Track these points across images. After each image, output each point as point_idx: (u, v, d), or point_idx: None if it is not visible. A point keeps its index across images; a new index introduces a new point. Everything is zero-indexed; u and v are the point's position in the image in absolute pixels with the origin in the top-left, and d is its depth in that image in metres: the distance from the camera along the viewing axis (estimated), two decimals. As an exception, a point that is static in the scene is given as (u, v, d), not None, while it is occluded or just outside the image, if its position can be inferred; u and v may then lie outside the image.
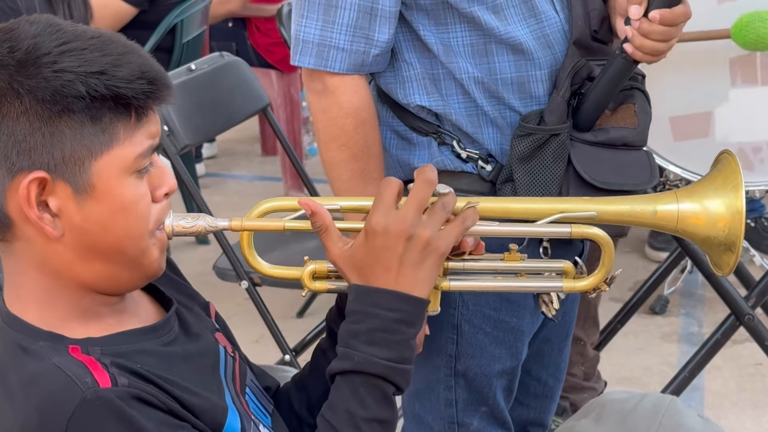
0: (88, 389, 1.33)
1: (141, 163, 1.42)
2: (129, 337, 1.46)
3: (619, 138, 2.10)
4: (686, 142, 3.08)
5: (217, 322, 1.67)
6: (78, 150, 1.37)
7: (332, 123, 2.06)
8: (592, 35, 2.12)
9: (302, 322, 4.19)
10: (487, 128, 2.10)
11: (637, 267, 4.56)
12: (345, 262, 1.52)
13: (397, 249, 1.48)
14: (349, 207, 1.60)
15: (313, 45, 2.03)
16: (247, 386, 1.61)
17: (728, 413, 3.60)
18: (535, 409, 2.39)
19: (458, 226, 1.51)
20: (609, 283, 1.61)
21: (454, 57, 2.06)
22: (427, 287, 1.50)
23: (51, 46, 1.37)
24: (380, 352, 1.46)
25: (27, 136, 1.36)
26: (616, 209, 1.60)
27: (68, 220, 1.40)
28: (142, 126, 1.41)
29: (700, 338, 3.98)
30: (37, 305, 1.44)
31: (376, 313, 1.48)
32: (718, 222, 1.57)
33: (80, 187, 1.39)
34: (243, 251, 1.60)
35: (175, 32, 4.53)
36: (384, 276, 1.49)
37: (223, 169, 6.19)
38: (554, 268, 1.61)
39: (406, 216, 1.49)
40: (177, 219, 1.51)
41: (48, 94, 1.35)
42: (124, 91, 1.38)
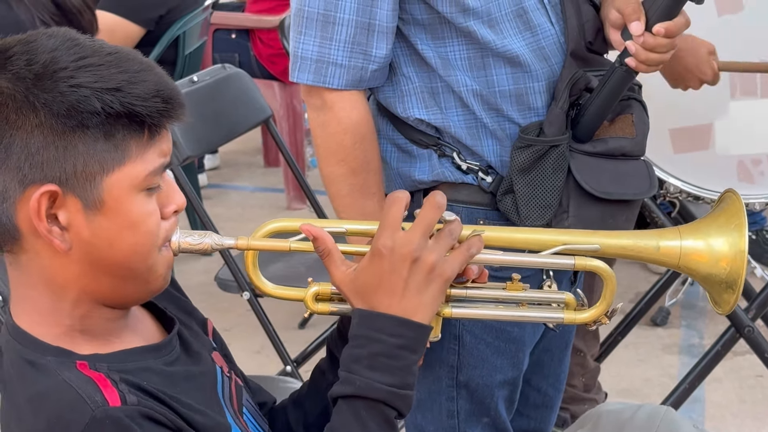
0: (97, 408, 1.33)
1: (152, 182, 1.42)
2: (134, 355, 1.46)
3: (618, 148, 2.12)
4: (686, 155, 3.09)
5: (215, 340, 1.67)
6: (90, 165, 1.38)
7: (331, 138, 2.07)
8: (587, 46, 2.14)
9: (304, 333, 4.19)
10: (486, 140, 2.11)
11: (638, 278, 4.57)
12: (348, 286, 1.51)
13: (402, 272, 1.47)
14: (355, 230, 1.59)
15: (311, 61, 2.04)
16: (243, 406, 1.61)
17: (729, 425, 3.60)
18: (535, 419, 2.40)
19: (463, 253, 1.51)
20: (610, 316, 1.61)
21: (452, 70, 2.07)
22: (430, 312, 1.49)
23: (68, 61, 1.37)
24: (382, 377, 1.45)
25: (41, 149, 1.37)
26: (619, 243, 1.59)
27: (77, 234, 1.40)
28: (155, 144, 1.42)
29: (700, 350, 3.98)
30: (44, 319, 1.44)
31: (378, 338, 1.46)
32: (721, 261, 1.57)
33: (90, 202, 1.39)
34: (247, 270, 1.59)
35: (178, 45, 4.54)
36: (387, 300, 1.47)
37: (225, 180, 6.20)
38: (556, 299, 1.61)
39: (413, 239, 1.47)
40: (184, 236, 1.51)
41: (63, 109, 1.36)
42: (139, 109, 1.38)
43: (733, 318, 3.22)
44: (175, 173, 3.11)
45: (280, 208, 5.65)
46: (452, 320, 2.12)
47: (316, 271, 3.10)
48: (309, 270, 3.38)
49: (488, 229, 1.57)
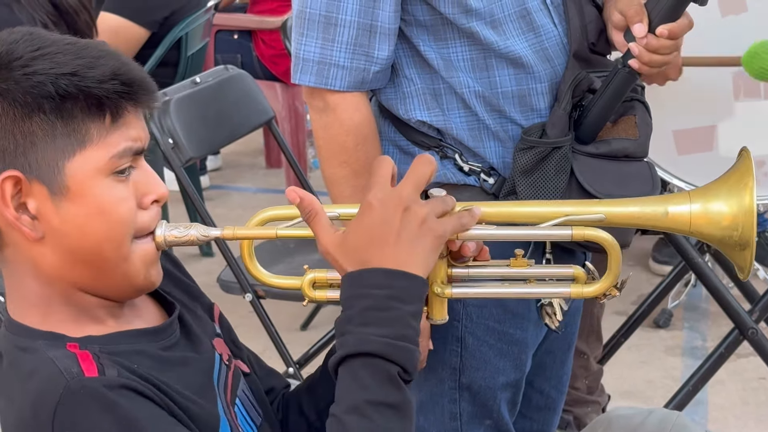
0: (72, 378, 1.33)
1: (116, 164, 1.41)
2: (128, 338, 1.45)
3: (621, 149, 2.11)
4: (690, 156, 3.08)
5: (221, 325, 1.66)
6: (50, 151, 1.39)
7: (333, 140, 2.07)
8: (590, 47, 2.13)
9: (306, 334, 4.19)
10: (489, 142, 2.10)
11: (640, 280, 4.56)
12: (338, 248, 1.45)
13: (394, 221, 1.42)
14: (348, 215, 1.55)
15: (313, 63, 2.04)
16: (237, 397, 1.59)
17: (732, 427, 3.59)
18: (537, 421, 2.39)
19: (454, 219, 1.47)
20: (620, 287, 1.55)
21: (454, 71, 2.07)
22: (424, 266, 1.43)
23: (25, 51, 1.39)
24: (375, 329, 1.38)
25: (0, 138, 1.38)
26: (625, 211, 1.54)
27: (47, 222, 1.40)
28: (119, 128, 1.41)
29: (703, 352, 3.97)
30: (37, 309, 1.45)
31: (366, 294, 1.40)
32: (727, 220, 1.52)
33: (56, 189, 1.39)
34: (244, 260, 1.58)
35: (180, 46, 4.54)
36: (379, 252, 1.42)
37: (227, 181, 6.20)
38: (563, 274, 1.57)
39: (404, 190, 1.44)
40: (169, 229, 1.49)
41: (19, 95, 1.37)
42: (95, 91, 1.38)
43: (737, 320, 3.21)
44: (177, 174, 3.11)
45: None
46: (455, 322, 2.12)
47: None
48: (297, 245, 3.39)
49: (485, 205, 1.53)
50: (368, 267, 1.42)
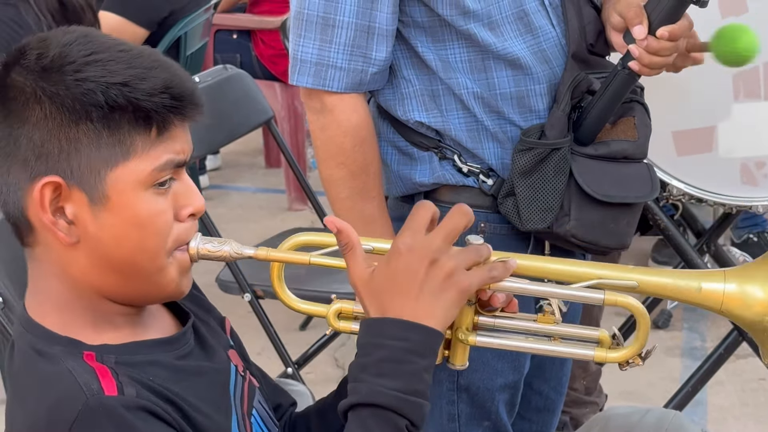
0: (92, 395, 1.33)
1: (158, 177, 1.41)
2: (144, 348, 1.45)
3: (620, 151, 2.11)
4: (689, 157, 3.08)
5: (232, 338, 1.66)
6: (94, 159, 1.38)
7: (331, 141, 2.07)
8: (589, 48, 2.13)
9: (305, 334, 4.19)
10: (487, 143, 2.10)
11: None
12: (364, 286, 1.45)
13: (419, 272, 1.41)
14: (381, 249, 1.52)
15: (310, 64, 2.04)
16: (254, 408, 1.59)
17: (731, 428, 3.59)
18: (536, 422, 2.39)
19: (485, 272, 1.45)
20: (644, 357, 1.52)
21: (452, 73, 2.06)
22: (443, 320, 1.43)
23: (78, 56, 1.38)
24: (388, 382, 1.39)
25: (45, 141, 1.37)
26: (658, 281, 1.51)
27: (83, 228, 1.40)
28: (164, 141, 1.40)
29: (703, 353, 3.97)
30: (56, 311, 1.44)
31: (383, 344, 1.41)
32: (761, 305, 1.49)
33: (95, 197, 1.39)
34: (273, 283, 1.56)
35: (179, 46, 4.54)
36: (400, 301, 1.42)
37: (226, 181, 6.19)
38: (589, 336, 1.54)
39: (434, 241, 1.43)
40: (203, 242, 1.48)
41: (68, 101, 1.36)
42: (144, 104, 1.37)
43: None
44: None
45: (281, 209, 5.65)
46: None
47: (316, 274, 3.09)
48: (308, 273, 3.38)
49: (519, 257, 1.51)
50: (387, 314, 1.42)
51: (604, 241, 2.10)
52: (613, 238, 2.11)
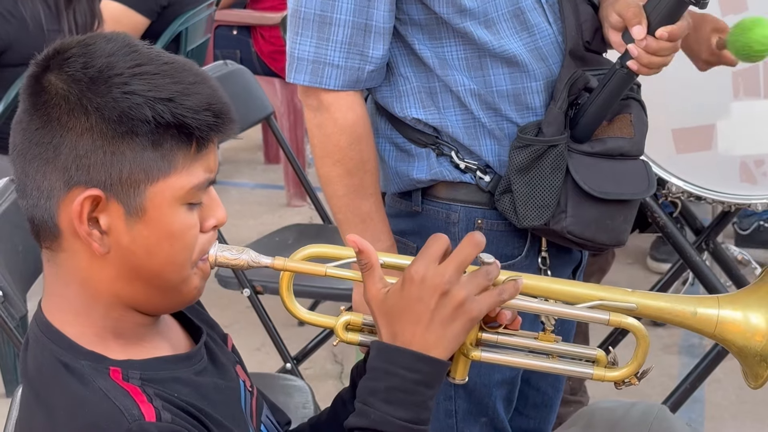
0: (134, 421, 1.34)
1: (195, 197, 1.42)
2: (165, 364, 1.46)
3: (616, 148, 2.11)
4: (689, 155, 3.08)
5: (234, 354, 1.67)
6: (136, 173, 1.38)
7: (327, 139, 2.07)
8: (586, 46, 2.13)
9: (304, 330, 4.18)
10: (484, 140, 2.10)
11: (638, 278, 4.56)
12: (378, 305, 1.50)
13: (430, 303, 1.47)
14: (391, 264, 1.58)
15: (307, 62, 2.04)
16: (262, 423, 1.61)
17: (729, 426, 3.59)
18: (534, 419, 2.39)
19: (494, 296, 1.50)
20: (640, 377, 1.59)
21: (449, 70, 2.07)
22: (450, 348, 1.49)
23: (124, 67, 1.38)
24: (397, 411, 1.46)
25: (89, 152, 1.37)
26: (656, 305, 1.59)
27: (116, 239, 1.40)
28: (201, 158, 1.42)
29: (701, 350, 3.97)
30: (77, 319, 1.44)
31: (395, 372, 1.46)
32: (757, 335, 1.57)
33: (132, 209, 1.39)
34: (281, 293, 1.59)
35: (180, 40, 4.54)
36: (411, 328, 1.47)
37: (225, 176, 6.19)
38: (586, 355, 1.60)
39: (446, 272, 1.47)
40: (221, 250, 1.50)
41: (115, 115, 1.36)
42: (189, 121, 1.38)
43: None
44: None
45: (280, 205, 5.65)
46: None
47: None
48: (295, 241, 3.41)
49: (526, 277, 1.56)
50: (398, 339, 1.48)
51: (600, 238, 2.11)
52: (610, 235, 2.12)
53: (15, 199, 2.18)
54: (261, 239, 3.68)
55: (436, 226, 2.13)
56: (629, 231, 2.17)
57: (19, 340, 2.32)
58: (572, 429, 1.87)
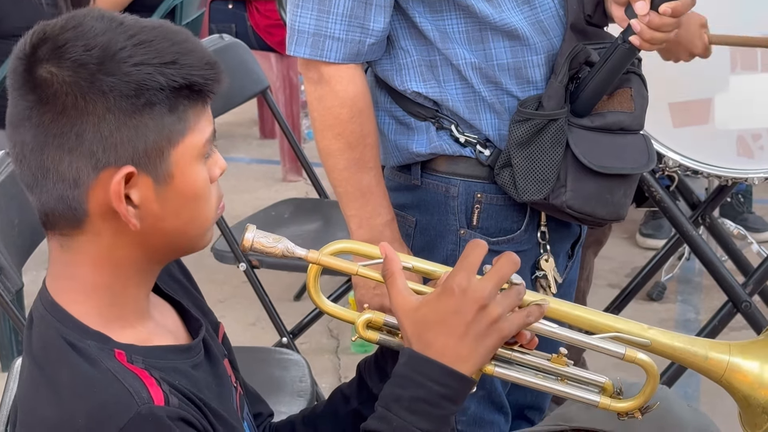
0: (143, 404, 1.34)
1: (208, 148, 1.44)
2: (166, 353, 1.46)
3: (616, 122, 2.11)
4: (686, 129, 3.08)
5: (224, 345, 1.66)
6: (159, 141, 1.38)
7: (328, 112, 2.07)
8: (587, 19, 2.12)
9: (300, 305, 4.19)
10: (485, 114, 2.10)
11: (634, 254, 4.56)
12: (408, 314, 1.50)
13: (467, 316, 1.47)
14: (420, 269, 1.59)
15: (308, 35, 2.03)
16: (244, 419, 1.61)
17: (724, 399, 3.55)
18: (532, 393, 2.39)
19: (523, 318, 1.51)
20: (644, 412, 1.62)
21: (450, 43, 2.06)
22: (480, 364, 1.49)
23: (124, 41, 1.37)
24: (419, 422, 1.45)
25: (113, 131, 1.37)
26: (670, 344, 1.61)
27: (147, 210, 1.40)
28: (205, 111, 1.43)
29: (697, 325, 3.98)
30: (85, 300, 1.43)
31: (422, 383, 1.46)
32: (763, 388, 1.59)
33: (160, 178, 1.40)
34: (308, 284, 1.60)
35: (175, 14, 4.52)
36: (444, 339, 1.47)
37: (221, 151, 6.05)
38: (594, 381, 1.62)
39: (487, 287, 1.48)
40: (259, 236, 1.52)
41: (131, 89, 1.36)
42: (197, 79, 1.39)
43: (731, 293, 3.22)
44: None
45: (276, 180, 5.64)
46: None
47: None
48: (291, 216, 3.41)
49: (551, 301, 1.58)
50: (429, 349, 1.48)
51: (600, 212, 2.10)
52: (609, 209, 2.11)
53: (10, 172, 2.17)
54: (257, 214, 3.68)
55: (435, 200, 2.13)
56: (629, 205, 2.17)
57: (15, 313, 2.31)
58: (574, 406, 1.87)
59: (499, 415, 2.26)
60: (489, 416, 2.24)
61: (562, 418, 1.86)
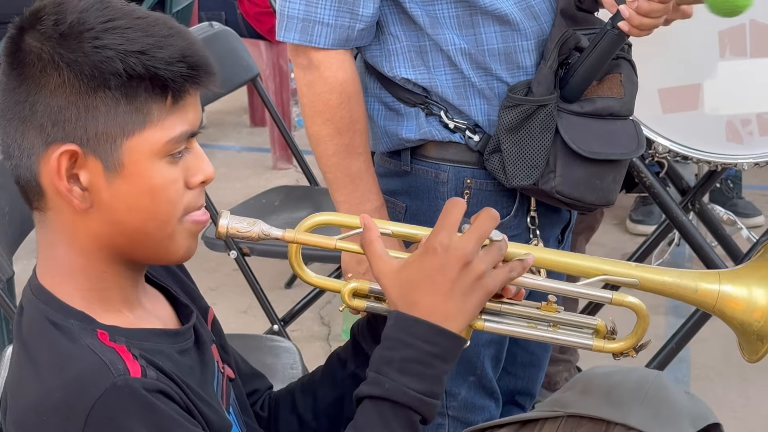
0: (119, 375, 1.34)
1: (173, 149, 1.42)
2: (151, 336, 1.46)
3: (606, 108, 2.11)
4: (675, 114, 3.08)
5: (213, 329, 1.67)
6: (111, 127, 1.39)
7: (317, 98, 2.07)
8: (577, 5, 2.13)
9: (291, 292, 4.19)
10: (474, 99, 2.10)
11: (624, 240, 4.57)
12: (391, 278, 1.51)
13: (452, 273, 1.47)
14: (400, 233, 1.59)
15: (298, 20, 2.03)
16: (230, 405, 1.61)
17: (714, 385, 3.61)
18: (522, 378, 2.40)
19: (506, 272, 1.52)
20: (638, 350, 1.62)
21: (440, 29, 2.06)
22: (468, 321, 1.49)
23: (96, 22, 1.38)
24: (412, 383, 1.45)
25: (63, 108, 1.38)
26: (659, 279, 1.61)
27: (97, 195, 1.41)
28: (178, 110, 1.42)
29: (687, 310, 3.97)
30: (66, 280, 1.45)
31: (412, 343, 1.46)
32: (756, 311, 1.59)
33: (110, 164, 1.40)
34: (290, 260, 1.59)
35: (165, 2, 4.52)
36: (431, 297, 1.48)
37: (211, 139, 6.17)
38: (587, 324, 1.62)
39: (468, 243, 1.48)
40: (234, 221, 1.52)
41: (86, 69, 1.37)
42: (162, 73, 1.38)
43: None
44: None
45: (266, 168, 5.64)
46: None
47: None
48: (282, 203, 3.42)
49: (532, 250, 1.58)
50: (416, 309, 1.48)
51: (589, 198, 2.11)
52: (599, 195, 2.12)
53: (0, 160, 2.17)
54: (247, 201, 3.67)
55: (425, 186, 2.13)
56: (618, 191, 2.17)
57: (6, 302, 2.31)
58: (568, 393, 1.87)
59: (490, 400, 2.26)
60: (480, 401, 2.24)
61: (557, 403, 1.86)
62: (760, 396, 3.53)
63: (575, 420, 1.81)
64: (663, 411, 1.79)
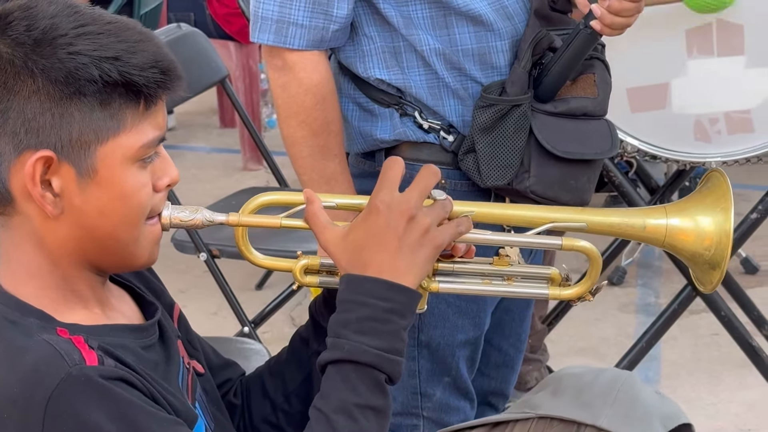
0: (74, 365, 1.33)
1: (145, 153, 1.42)
2: (114, 331, 1.46)
3: (580, 108, 2.12)
4: (643, 114, 3.09)
5: (179, 325, 1.66)
6: (85, 133, 1.38)
7: (292, 100, 2.06)
8: (551, 5, 2.13)
9: (261, 294, 4.19)
10: (448, 100, 2.10)
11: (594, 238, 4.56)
12: (338, 244, 1.50)
13: (398, 228, 1.46)
14: (345, 204, 1.59)
15: (271, 21, 2.03)
16: (196, 400, 1.60)
17: (684, 383, 3.63)
18: (496, 379, 2.40)
19: (453, 227, 1.51)
20: (594, 293, 1.62)
21: (414, 29, 2.06)
22: (420, 276, 1.49)
23: (68, 28, 1.38)
24: (371, 341, 1.44)
25: (37, 115, 1.37)
26: (606, 221, 1.61)
27: (69, 201, 1.40)
28: (150, 115, 1.42)
29: (657, 309, 4.01)
30: (29, 282, 1.44)
31: (366, 302, 1.45)
32: (705, 240, 1.59)
33: (84, 171, 1.39)
34: (237, 243, 1.59)
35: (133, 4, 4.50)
36: (380, 255, 1.46)
37: (180, 141, 6.16)
38: (541, 275, 1.61)
39: (410, 198, 1.48)
40: (176, 211, 1.51)
41: (61, 76, 1.36)
42: (137, 79, 1.39)
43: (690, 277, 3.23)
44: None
45: (236, 169, 5.63)
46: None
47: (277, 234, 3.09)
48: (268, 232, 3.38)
49: (478, 206, 1.57)
50: (367, 269, 1.47)
51: (563, 198, 2.11)
52: (573, 195, 2.13)
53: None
54: (217, 203, 3.67)
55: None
56: (593, 190, 2.18)
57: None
58: (540, 394, 1.88)
59: (465, 401, 2.26)
60: (455, 402, 2.25)
61: (528, 405, 1.87)
62: (729, 393, 3.56)
63: (546, 421, 1.82)
64: (633, 412, 1.79)
